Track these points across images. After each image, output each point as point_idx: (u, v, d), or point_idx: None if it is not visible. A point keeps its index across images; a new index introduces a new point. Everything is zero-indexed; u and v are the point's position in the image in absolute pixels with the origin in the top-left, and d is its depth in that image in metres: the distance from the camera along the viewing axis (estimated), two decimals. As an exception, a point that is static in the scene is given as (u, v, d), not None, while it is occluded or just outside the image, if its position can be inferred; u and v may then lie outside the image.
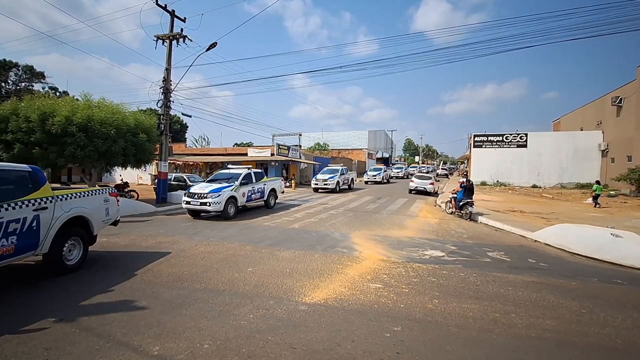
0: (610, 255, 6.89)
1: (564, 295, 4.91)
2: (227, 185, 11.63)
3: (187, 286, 4.99)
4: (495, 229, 10.36)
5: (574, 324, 3.97)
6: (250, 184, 12.64)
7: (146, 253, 6.84)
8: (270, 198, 13.94)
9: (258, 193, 13.10)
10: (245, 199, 12.31)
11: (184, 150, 34.35)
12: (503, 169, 30.33)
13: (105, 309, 4.17)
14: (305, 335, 3.54)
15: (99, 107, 12.82)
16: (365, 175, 31.80)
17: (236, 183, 11.89)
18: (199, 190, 11.33)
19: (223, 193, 11.11)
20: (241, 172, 12.63)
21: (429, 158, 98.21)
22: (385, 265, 6.22)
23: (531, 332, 3.72)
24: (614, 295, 5.03)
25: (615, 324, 3.98)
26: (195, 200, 11.02)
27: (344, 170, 23.19)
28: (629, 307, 4.54)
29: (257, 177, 13.24)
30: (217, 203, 10.85)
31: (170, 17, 14.62)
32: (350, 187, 24.10)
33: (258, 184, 13.09)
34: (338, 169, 22.71)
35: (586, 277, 5.83)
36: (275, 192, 14.34)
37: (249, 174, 12.81)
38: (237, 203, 11.71)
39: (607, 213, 13.83)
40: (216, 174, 13.52)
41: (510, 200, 18.63)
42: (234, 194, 11.54)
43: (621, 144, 24.72)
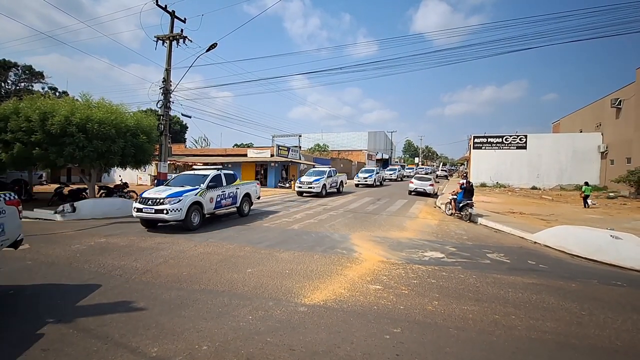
0: (609, 257, 6.88)
1: (563, 297, 4.90)
2: (191, 189, 9.70)
3: (185, 287, 4.98)
4: (495, 231, 10.35)
5: (573, 325, 3.96)
6: (219, 187, 10.76)
7: (145, 254, 6.82)
8: (244, 204, 12.10)
9: (229, 198, 11.25)
10: (214, 205, 10.43)
11: (183, 151, 34.35)
12: (503, 171, 30.35)
13: (103, 309, 4.15)
14: (305, 336, 3.52)
15: (98, 107, 12.81)
16: (356, 177, 29.24)
17: (202, 186, 10.01)
18: (154, 194, 9.31)
19: (185, 198, 9.22)
20: (209, 174, 10.68)
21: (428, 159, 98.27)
22: (385, 267, 6.21)
23: (531, 334, 3.71)
24: (614, 297, 5.02)
25: (615, 326, 3.97)
26: (149, 207, 9.05)
27: (331, 171, 21.31)
28: (628, 309, 4.53)
29: (229, 180, 11.42)
30: (177, 210, 8.93)
31: (170, 18, 14.61)
32: (339, 190, 22.09)
33: (229, 187, 11.26)
34: (325, 171, 20.81)
35: (586, 279, 5.82)
36: (249, 198, 12.50)
37: (218, 175, 10.96)
38: (203, 210, 9.83)
39: (606, 215, 13.83)
40: (177, 176, 11.44)
41: (509, 201, 18.63)
42: (199, 199, 9.67)
43: (620, 145, 24.74)
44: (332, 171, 21.43)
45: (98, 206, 12.00)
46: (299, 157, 31.37)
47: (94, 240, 8.07)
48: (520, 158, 30.08)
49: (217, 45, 13.73)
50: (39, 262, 6.16)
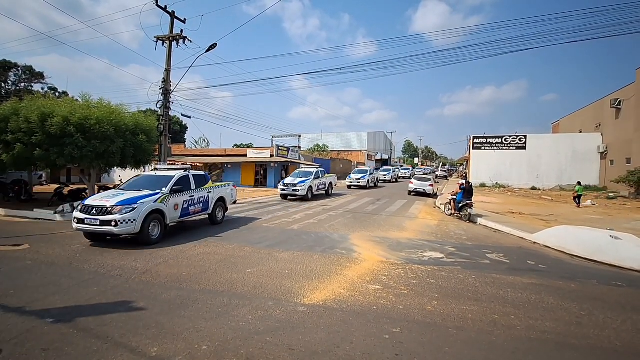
0: (609, 257, 6.89)
1: (563, 297, 4.91)
2: (150, 194, 7.99)
3: (185, 287, 4.98)
4: (494, 231, 10.35)
5: (573, 326, 3.97)
6: (187, 191, 9.05)
7: (144, 254, 6.82)
8: (217, 210, 10.46)
9: (199, 204, 9.53)
10: (180, 212, 8.75)
11: (183, 151, 34.36)
12: (502, 171, 30.38)
13: (103, 309, 4.15)
14: (304, 336, 3.52)
15: (97, 108, 12.81)
16: (348, 178, 27.29)
17: (164, 190, 8.30)
18: (101, 201, 7.53)
19: (141, 205, 7.48)
20: (173, 175, 8.97)
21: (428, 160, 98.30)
22: (385, 267, 6.21)
23: (530, 334, 3.71)
24: (614, 297, 5.02)
25: (614, 326, 3.97)
26: (93, 218, 7.22)
27: (319, 172, 19.46)
28: (628, 309, 4.53)
29: (199, 182, 9.72)
30: (130, 221, 7.19)
31: (170, 19, 14.63)
32: (327, 192, 20.27)
33: (199, 191, 9.56)
34: (312, 172, 18.93)
35: (585, 279, 5.83)
36: (224, 203, 10.83)
37: (185, 177, 9.25)
38: (165, 220, 8.11)
39: (606, 215, 13.84)
40: (134, 178, 9.36)
41: (509, 202, 18.65)
42: (160, 207, 7.94)
43: (620, 146, 24.77)
44: (319, 172, 19.58)
45: (97, 206, 11.95)
46: (299, 157, 31.40)
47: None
48: (519, 158, 30.12)
49: (216, 46, 13.75)
50: (39, 262, 6.16)
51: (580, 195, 17.69)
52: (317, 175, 18.83)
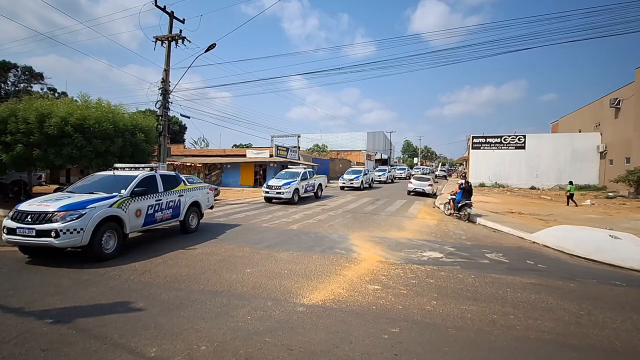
0: (608, 257, 6.89)
1: (562, 296, 4.91)
2: (105, 197, 6.59)
3: (184, 287, 4.97)
4: (493, 231, 10.36)
5: (572, 325, 3.96)
6: (152, 194, 7.63)
7: (143, 254, 6.81)
8: (191, 217, 9.08)
9: (168, 210, 8.12)
10: (143, 219, 7.32)
11: (182, 152, 34.32)
12: (501, 171, 30.40)
13: (102, 310, 4.14)
14: (303, 336, 3.52)
15: (96, 108, 12.82)
16: (341, 179, 25.61)
17: (124, 193, 6.88)
18: (39, 206, 6.12)
19: (91, 211, 6.07)
20: (136, 176, 7.49)
21: (427, 159, 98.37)
22: (384, 267, 6.21)
23: (530, 334, 3.71)
24: (613, 297, 5.02)
25: (614, 326, 3.97)
26: (27, 227, 5.84)
27: (307, 173, 17.89)
28: (627, 308, 4.53)
29: (168, 184, 8.28)
30: (76, 231, 5.81)
31: (169, 19, 14.62)
32: (317, 195, 18.82)
33: (168, 194, 8.14)
34: (299, 172, 17.31)
35: (585, 279, 5.83)
36: (199, 208, 9.43)
37: (150, 177, 7.78)
38: (124, 229, 6.71)
39: (605, 214, 13.85)
40: (88, 178, 7.82)
41: (508, 201, 18.66)
42: (117, 213, 6.55)
43: (619, 145, 24.79)
44: (307, 172, 18.05)
45: (97, 207, 11.89)
46: (298, 157, 31.39)
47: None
48: (519, 158, 30.14)
49: (215, 46, 13.74)
50: (37, 263, 6.14)
51: (572, 194, 17.78)
52: (304, 176, 17.34)
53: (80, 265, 6.02)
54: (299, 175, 16.99)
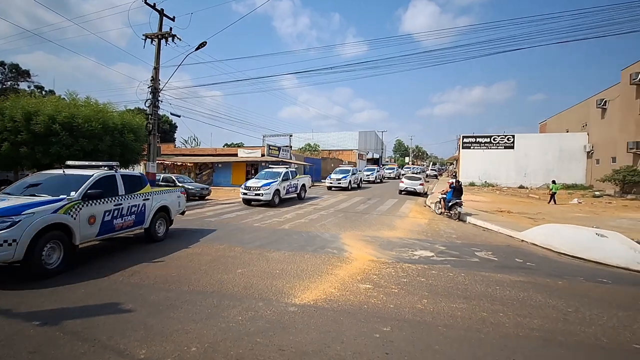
0: (595, 255, 7.03)
1: (550, 294, 4.99)
2: (49, 201, 5.49)
3: (174, 288, 4.91)
4: (483, 229, 10.48)
5: (560, 322, 4.03)
6: (111, 198, 6.54)
7: (132, 255, 6.71)
8: (158, 224, 7.94)
9: (130, 216, 7.00)
10: (98, 227, 6.19)
11: (172, 151, 33.92)
12: (491, 170, 30.81)
13: (90, 312, 4.06)
14: (295, 336, 3.50)
15: (84, 106, 12.61)
16: (328, 178, 24.66)
17: (74, 196, 5.79)
18: None
19: (28, 218, 4.95)
20: (91, 176, 6.33)
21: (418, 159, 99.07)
22: (375, 266, 6.23)
23: (519, 331, 3.76)
24: (600, 294, 5.12)
25: (601, 323, 4.05)
26: None
27: (289, 173, 16.83)
28: (614, 305, 4.63)
29: (130, 187, 7.13)
30: (7, 242, 4.70)
31: (159, 16, 14.42)
32: (300, 196, 17.72)
33: (131, 198, 7.03)
34: (280, 172, 16.20)
35: (572, 277, 5.93)
36: (167, 213, 8.28)
37: (108, 178, 6.65)
38: (72, 239, 5.65)
39: (592, 213, 14.14)
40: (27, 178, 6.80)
41: (497, 200, 18.91)
42: (65, 221, 5.49)
43: (605, 145, 25.33)
44: (289, 172, 16.92)
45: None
46: (290, 156, 31.31)
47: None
48: (508, 158, 30.59)
49: (206, 44, 13.61)
50: (22, 264, 5.99)
51: (555, 192, 18.24)
52: (286, 177, 16.23)
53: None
54: (280, 175, 15.90)
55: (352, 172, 25.06)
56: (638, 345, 3.53)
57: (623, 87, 22.65)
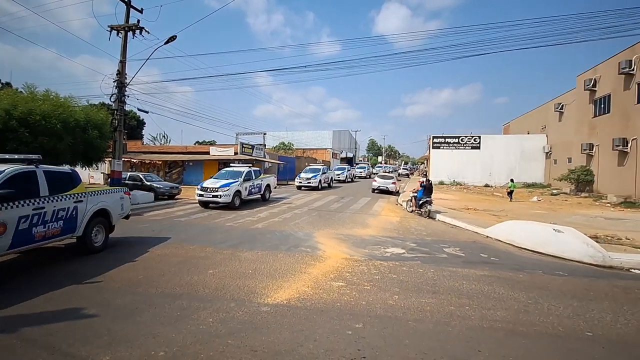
0: (552, 249, 7.49)
1: (512, 287, 5.26)
2: None
3: (141, 291, 4.72)
4: (451, 226, 10.88)
5: (521, 314, 4.26)
6: (28, 201, 5.27)
7: (96, 257, 6.37)
8: (95, 231, 6.72)
9: (56, 222, 5.75)
10: (10, 239, 4.94)
11: (140, 148, 32.50)
12: (459, 169, 32.04)
13: (49, 318, 3.82)
14: (267, 337, 3.47)
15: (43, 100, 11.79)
16: (297, 178, 23.86)
17: None
18: None
19: None
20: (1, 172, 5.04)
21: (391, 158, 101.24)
22: (348, 264, 6.30)
23: (483, 324, 3.94)
24: (557, 286, 5.47)
25: (557, 313, 4.32)
26: None
27: (252, 172, 15.61)
28: (569, 296, 4.96)
29: (57, 186, 5.88)
30: None
31: (126, 7, 13.74)
32: (264, 197, 16.54)
33: (57, 200, 5.79)
34: (241, 171, 14.97)
35: (532, 270, 6.29)
36: (107, 218, 7.07)
37: (24, 175, 5.36)
38: None
39: (550, 210, 15.06)
40: None
41: (465, 198, 19.69)
42: None
43: (562, 146, 27.06)
44: (252, 172, 15.74)
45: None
46: (264, 155, 30.96)
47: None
48: (474, 157, 31.93)
49: (176, 38, 13.14)
50: None
51: (512, 190, 19.70)
52: (248, 176, 15.06)
53: (28, 269, 5.51)
54: (242, 174, 14.70)
55: (323, 171, 24.31)
56: (590, 332, 3.80)
57: (578, 92, 24.27)
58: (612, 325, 4.03)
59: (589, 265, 6.77)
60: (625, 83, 19.21)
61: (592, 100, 22.53)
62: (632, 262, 6.74)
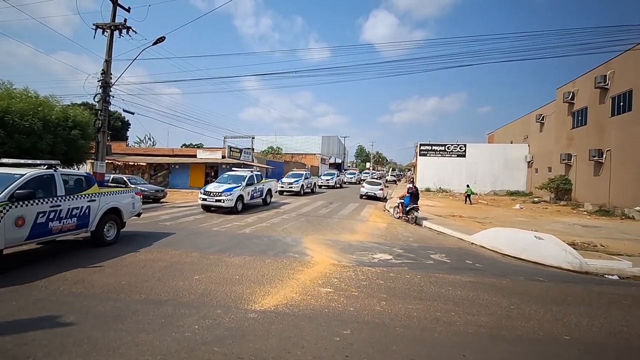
0: (533, 256, 7.69)
1: (496, 293, 5.37)
2: None
3: (124, 298, 4.59)
4: (437, 233, 11.03)
5: (504, 319, 4.35)
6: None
7: (76, 261, 6.17)
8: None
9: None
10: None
11: (124, 150, 31.82)
12: (445, 177, 32.60)
13: (23, 326, 3.66)
14: (254, 344, 3.43)
15: (20, 98, 11.43)
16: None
17: None
18: None
19: None
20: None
21: (379, 164, 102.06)
22: (336, 270, 6.30)
23: (468, 329, 4.00)
24: (537, 291, 5.61)
25: (538, 318, 4.43)
26: None
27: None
28: (548, 301, 5.09)
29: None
30: None
31: (112, 5, 13.52)
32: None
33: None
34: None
35: (514, 276, 6.44)
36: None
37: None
38: None
39: (531, 217, 15.47)
40: None
41: (450, 205, 20.02)
42: None
43: (543, 156, 27.91)
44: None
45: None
46: (252, 159, 30.77)
47: (14, 248, 7.08)
48: (460, 165, 32.57)
49: (164, 39, 12.99)
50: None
51: (469, 195, 21.14)
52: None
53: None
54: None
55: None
56: (568, 336, 3.92)
57: (558, 104, 25.16)
58: (587, 329, 4.18)
59: (567, 271, 7.00)
60: (601, 97, 20.06)
61: (571, 112, 23.39)
62: (606, 268, 7.02)
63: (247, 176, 15.07)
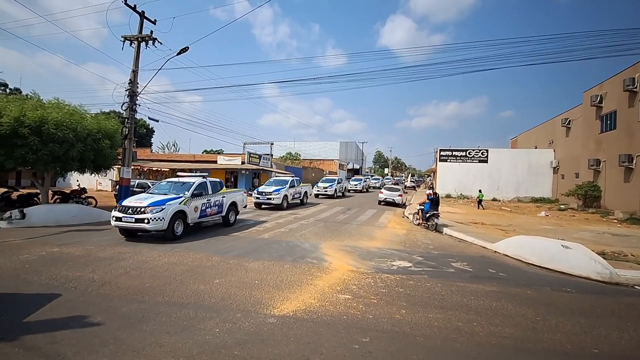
0: (561, 265, 7.38)
1: (520, 303, 5.18)
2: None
3: (147, 300, 4.74)
4: (458, 240, 10.78)
5: (529, 330, 4.20)
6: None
7: (103, 264, 6.42)
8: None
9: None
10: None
11: (149, 156, 32.93)
12: (466, 182, 31.85)
13: (54, 326, 3.84)
14: (273, 349, 3.46)
15: (54, 108, 12.05)
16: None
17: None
18: None
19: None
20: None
21: (397, 170, 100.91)
22: (355, 276, 6.26)
23: (491, 340, 3.88)
24: (564, 302, 5.38)
25: (565, 330, 4.25)
26: None
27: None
28: (576, 313, 4.87)
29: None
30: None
31: (139, 19, 14.14)
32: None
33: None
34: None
35: (540, 286, 6.20)
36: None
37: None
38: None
39: (558, 225, 14.87)
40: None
41: (472, 212, 19.53)
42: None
43: (569, 161, 26.83)
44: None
45: (51, 213, 11.16)
46: (271, 165, 31.15)
47: (46, 249, 7.48)
48: (482, 171, 31.75)
49: (188, 49, 13.45)
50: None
51: (481, 200, 21.16)
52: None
53: (30, 276, 5.57)
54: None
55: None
56: (597, 350, 3.74)
57: (585, 108, 24.19)
58: (617, 342, 3.98)
59: (596, 282, 6.67)
60: (630, 100, 19.17)
61: (599, 116, 22.44)
62: (637, 278, 6.66)
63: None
